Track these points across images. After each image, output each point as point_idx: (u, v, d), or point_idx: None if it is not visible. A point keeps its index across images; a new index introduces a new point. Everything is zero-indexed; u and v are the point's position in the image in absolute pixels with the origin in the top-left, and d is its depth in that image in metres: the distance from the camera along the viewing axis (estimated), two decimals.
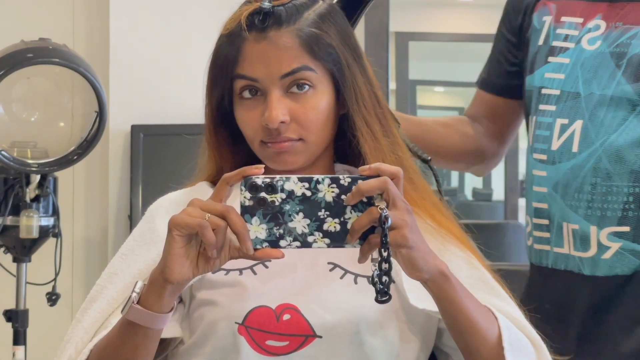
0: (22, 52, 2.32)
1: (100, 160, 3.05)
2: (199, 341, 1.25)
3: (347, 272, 1.27)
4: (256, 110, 1.26)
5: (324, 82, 1.27)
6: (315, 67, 1.26)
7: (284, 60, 1.24)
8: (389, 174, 1.09)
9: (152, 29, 3.09)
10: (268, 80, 1.25)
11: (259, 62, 1.25)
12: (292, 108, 1.25)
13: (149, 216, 1.35)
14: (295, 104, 1.25)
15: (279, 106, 1.24)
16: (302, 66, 1.25)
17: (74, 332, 1.27)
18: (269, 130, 1.25)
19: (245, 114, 1.27)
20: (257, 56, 1.25)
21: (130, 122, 3.02)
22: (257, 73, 1.25)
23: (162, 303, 1.13)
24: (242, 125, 1.29)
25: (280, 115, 1.24)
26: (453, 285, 1.16)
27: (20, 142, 2.40)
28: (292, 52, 1.25)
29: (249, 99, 1.27)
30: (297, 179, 1.08)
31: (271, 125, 1.24)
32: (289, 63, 1.24)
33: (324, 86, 1.27)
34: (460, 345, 1.23)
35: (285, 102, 1.25)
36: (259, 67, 1.25)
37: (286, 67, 1.24)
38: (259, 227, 1.08)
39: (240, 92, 1.27)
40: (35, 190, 2.44)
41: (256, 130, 1.27)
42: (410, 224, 1.10)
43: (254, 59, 1.25)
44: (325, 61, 1.27)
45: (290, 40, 1.25)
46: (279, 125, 1.24)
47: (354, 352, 1.22)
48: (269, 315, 1.22)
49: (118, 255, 1.33)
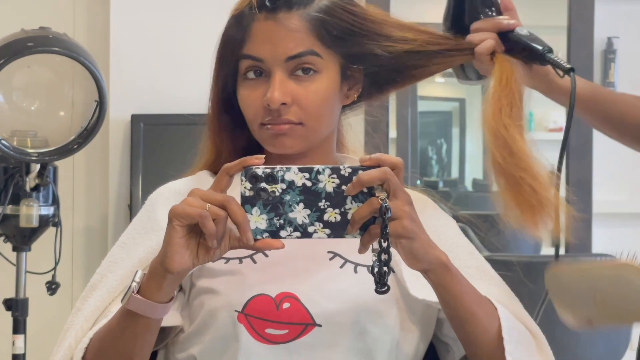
0: (23, 41, 2.31)
1: (101, 149, 3.05)
2: (198, 329, 1.25)
3: (347, 261, 1.27)
4: (259, 91, 1.26)
5: (329, 68, 1.27)
6: (322, 52, 1.26)
7: (290, 43, 1.24)
8: (389, 164, 1.09)
9: (152, 19, 3.08)
10: (273, 61, 1.25)
11: (266, 43, 1.25)
12: (294, 91, 1.25)
13: (150, 205, 1.35)
14: (299, 87, 1.25)
15: (282, 87, 1.24)
16: (308, 50, 1.25)
17: (74, 320, 1.27)
18: (270, 111, 1.25)
19: (247, 94, 1.27)
20: (264, 36, 1.25)
21: (130, 111, 3.01)
22: (263, 53, 1.25)
23: (162, 292, 1.13)
24: (244, 106, 1.29)
25: (282, 96, 1.24)
26: (453, 275, 1.16)
27: (21, 131, 2.40)
28: (300, 35, 1.24)
29: (253, 79, 1.27)
30: (298, 169, 1.08)
31: (272, 106, 1.24)
32: (296, 46, 1.24)
33: (330, 72, 1.27)
34: (460, 336, 1.23)
35: (288, 84, 1.25)
36: (266, 48, 1.25)
37: (293, 49, 1.24)
38: (260, 217, 1.08)
39: (245, 72, 1.27)
40: (35, 180, 2.43)
41: (257, 111, 1.26)
42: (410, 214, 1.09)
43: (261, 39, 1.25)
44: (333, 48, 1.26)
45: (300, 23, 1.25)
46: (280, 106, 1.24)
47: (354, 340, 1.23)
48: (268, 303, 1.22)
49: (118, 244, 1.33)
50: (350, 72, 1.30)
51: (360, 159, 1.11)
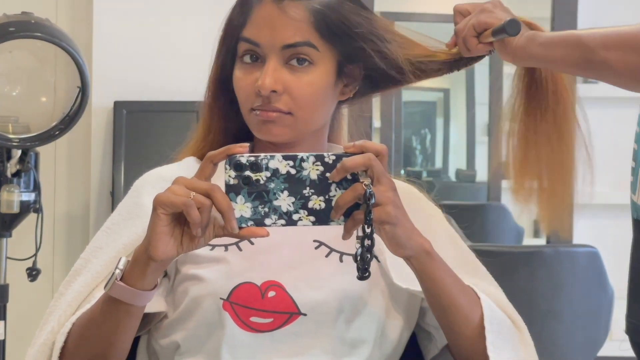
0: (4, 26, 2.29)
1: (83, 136, 3.04)
2: (183, 316, 1.25)
3: (333, 250, 1.27)
4: (253, 75, 1.26)
5: (325, 62, 1.27)
6: (320, 45, 1.25)
7: (289, 31, 1.24)
8: (373, 150, 1.09)
9: (136, 5, 3.07)
10: (269, 47, 1.24)
11: (265, 28, 1.25)
12: (287, 80, 1.25)
13: (135, 191, 1.34)
14: (292, 77, 1.25)
15: (274, 74, 1.24)
16: (305, 41, 1.24)
17: (56, 305, 1.26)
18: (261, 97, 1.24)
19: (241, 77, 1.27)
20: (264, 21, 1.25)
21: (113, 98, 3.00)
22: (261, 38, 1.25)
23: (146, 280, 1.12)
24: (237, 88, 1.28)
25: (273, 83, 1.23)
26: (436, 263, 1.17)
27: (2, 117, 2.38)
28: (300, 25, 1.24)
29: (249, 63, 1.27)
30: (282, 157, 1.07)
31: (262, 92, 1.24)
32: (294, 35, 1.24)
33: (325, 66, 1.27)
34: (443, 324, 1.24)
35: (281, 73, 1.25)
36: (264, 33, 1.25)
37: (290, 38, 1.24)
38: (244, 205, 1.08)
39: (242, 55, 1.27)
40: (17, 165, 2.42)
41: (248, 95, 1.26)
42: (394, 201, 1.10)
43: (261, 24, 1.25)
44: (331, 42, 1.26)
45: (302, 13, 1.24)
46: (270, 94, 1.24)
47: (338, 329, 1.23)
48: (254, 291, 1.22)
49: (103, 229, 1.32)
50: (348, 70, 1.30)
51: (344, 145, 1.11)
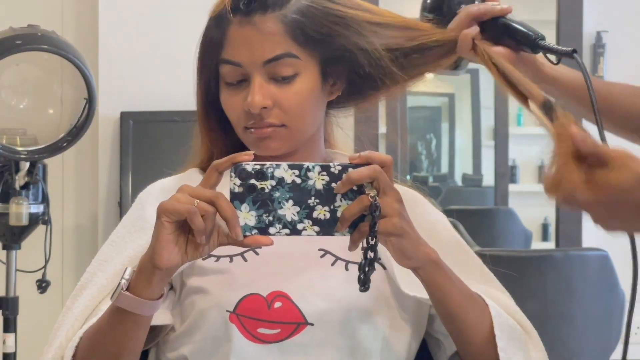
0: (11, 39, 2.30)
1: (90, 147, 3.05)
2: (190, 329, 1.24)
3: (338, 259, 1.27)
4: (240, 96, 1.26)
5: (308, 68, 1.26)
6: (300, 53, 1.25)
7: (267, 46, 1.24)
8: (379, 162, 1.09)
9: (141, 16, 3.08)
10: (251, 66, 1.24)
11: (242, 47, 1.24)
12: (275, 94, 1.25)
13: (139, 203, 1.35)
14: (279, 90, 1.25)
15: (261, 91, 1.24)
16: (285, 53, 1.24)
17: (64, 319, 1.26)
18: (252, 115, 1.25)
19: (229, 99, 1.27)
20: (241, 41, 1.24)
21: (119, 109, 3.01)
22: (241, 58, 1.25)
23: (152, 289, 1.12)
24: (227, 110, 1.29)
25: (262, 100, 1.24)
26: (444, 272, 1.16)
27: (9, 130, 2.39)
28: (276, 38, 1.24)
29: (233, 84, 1.27)
30: (288, 166, 1.07)
31: (253, 111, 1.24)
32: (272, 49, 1.24)
33: (309, 72, 1.27)
34: (451, 332, 1.23)
35: (268, 88, 1.25)
36: (243, 52, 1.24)
37: (269, 52, 1.24)
38: (249, 213, 1.08)
39: (225, 76, 1.27)
40: (25, 178, 2.43)
41: (239, 115, 1.27)
42: (400, 212, 1.09)
43: (238, 44, 1.25)
44: (310, 47, 1.26)
45: (275, 25, 1.24)
46: (261, 110, 1.24)
47: (345, 339, 1.22)
48: (260, 303, 1.22)
49: (108, 243, 1.32)
50: (332, 69, 1.29)
51: (350, 157, 1.10)
